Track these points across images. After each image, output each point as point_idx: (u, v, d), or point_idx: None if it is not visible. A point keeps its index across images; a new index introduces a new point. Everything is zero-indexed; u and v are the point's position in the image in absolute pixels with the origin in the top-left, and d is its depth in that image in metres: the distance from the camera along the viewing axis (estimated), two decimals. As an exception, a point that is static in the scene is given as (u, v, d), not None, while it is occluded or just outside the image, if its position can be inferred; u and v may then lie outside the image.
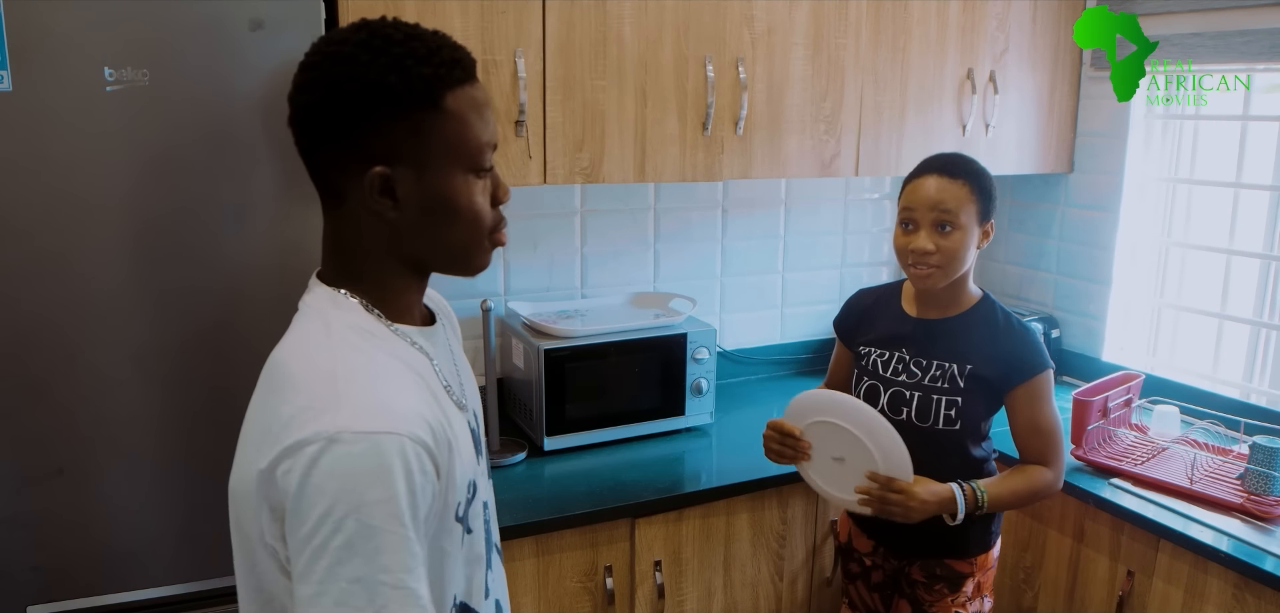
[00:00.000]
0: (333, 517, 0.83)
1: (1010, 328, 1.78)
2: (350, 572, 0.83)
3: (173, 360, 1.57)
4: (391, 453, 0.85)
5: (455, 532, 0.98)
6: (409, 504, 0.86)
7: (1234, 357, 2.49)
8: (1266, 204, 2.38)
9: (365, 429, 0.85)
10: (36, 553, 1.54)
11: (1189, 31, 2.36)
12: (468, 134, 0.95)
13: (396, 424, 0.87)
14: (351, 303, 0.97)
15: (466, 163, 0.96)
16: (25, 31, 1.39)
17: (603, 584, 1.95)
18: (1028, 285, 2.91)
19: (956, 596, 1.87)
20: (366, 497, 0.83)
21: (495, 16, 1.89)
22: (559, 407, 2.14)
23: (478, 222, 0.99)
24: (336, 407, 0.86)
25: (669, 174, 2.12)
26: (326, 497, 0.83)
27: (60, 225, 1.47)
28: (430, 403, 0.94)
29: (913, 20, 2.33)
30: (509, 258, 2.41)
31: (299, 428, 0.85)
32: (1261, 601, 1.75)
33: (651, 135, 2.09)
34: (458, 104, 0.94)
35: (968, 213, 1.72)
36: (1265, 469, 1.91)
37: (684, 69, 2.08)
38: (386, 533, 0.84)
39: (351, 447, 0.84)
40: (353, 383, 0.89)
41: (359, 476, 0.83)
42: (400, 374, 0.94)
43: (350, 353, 0.93)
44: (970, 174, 1.75)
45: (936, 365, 1.79)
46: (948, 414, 1.77)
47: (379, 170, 0.93)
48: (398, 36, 0.93)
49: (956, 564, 1.85)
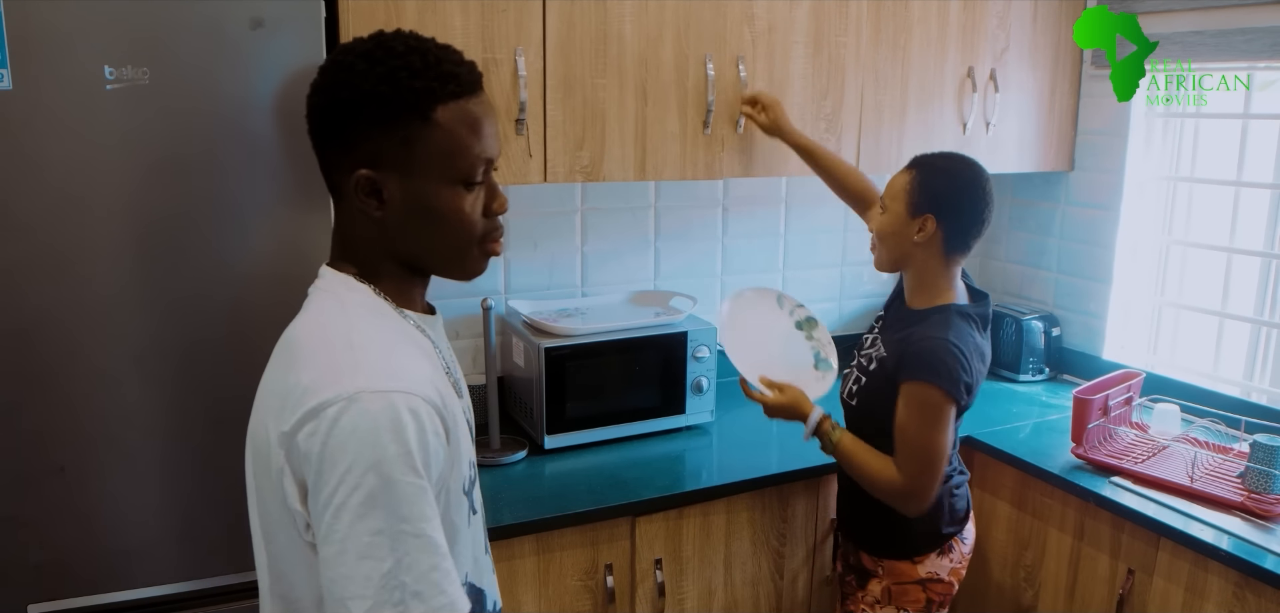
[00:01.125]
0: (353, 474, 0.88)
1: (928, 336, 1.70)
2: (371, 525, 0.87)
3: (173, 358, 1.58)
4: (404, 409, 0.90)
5: (464, 506, 1.04)
6: (422, 459, 0.91)
7: (1234, 355, 2.49)
8: (1267, 202, 2.38)
9: (381, 388, 0.90)
10: (38, 551, 1.54)
11: (1189, 30, 2.36)
12: (456, 148, 1.00)
13: (409, 385, 0.93)
14: (361, 286, 1.04)
15: (454, 175, 1.01)
16: (25, 30, 1.39)
17: (603, 583, 1.95)
18: (1028, 284, 2.91)
19: (863, 593, 1.88)
20: (385, 452, 0.88)
21: (496, 15, 1.89)
22: (559, 405, 2.14)
23: (464, 229, 1.03)
24: (355, 371, 0.92)
25: (669, 172, 2.12)
26: (347, 454, 0.88)
27: (61, 224, 1.47)
28: (438, 376, 1.00)
29: (913, 19, 2.33)
30: (509, 257, 2.41)
31: (320, 392, 0.91)
32: (1262, 599, 1.75)
33: (652, 134, 2.09)
34: (449, 118, 0.99)
35: (899, 201, 1.76)
36: (1266, 468, 1.91)
37: (684, 67, 2.08)
38: (404, 483, 0.89)
39: (369, 405, 0.89)
40: (368, 351, 0.95)
41: (378, 431, 0.88)
42: (410, 346, 1.01)
43: (364, 325, 0.99)
44: (922, 165, 1.76)
45: (879, 349, 1.82)
46: (852, 389, 1.85)
47: (363, 173, 0.99)
48: (400, 49, 0.98)
49: (866, 558, 1.87)
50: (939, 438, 1.68)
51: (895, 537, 1.83)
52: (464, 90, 1.00)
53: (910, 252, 1.76)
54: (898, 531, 1.81)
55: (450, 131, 0.99)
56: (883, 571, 1.85)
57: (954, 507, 1.84)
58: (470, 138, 1.00)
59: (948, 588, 1.85)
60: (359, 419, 0.89)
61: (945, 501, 1.81)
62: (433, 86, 0.98)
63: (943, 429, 1.69)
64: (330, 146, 1.02)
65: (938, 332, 1.70)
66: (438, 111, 0.98)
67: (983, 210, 1.74)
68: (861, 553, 1.89)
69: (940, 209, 1.72)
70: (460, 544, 1.04)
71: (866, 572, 1.88)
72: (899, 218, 1.76)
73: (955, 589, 1.87)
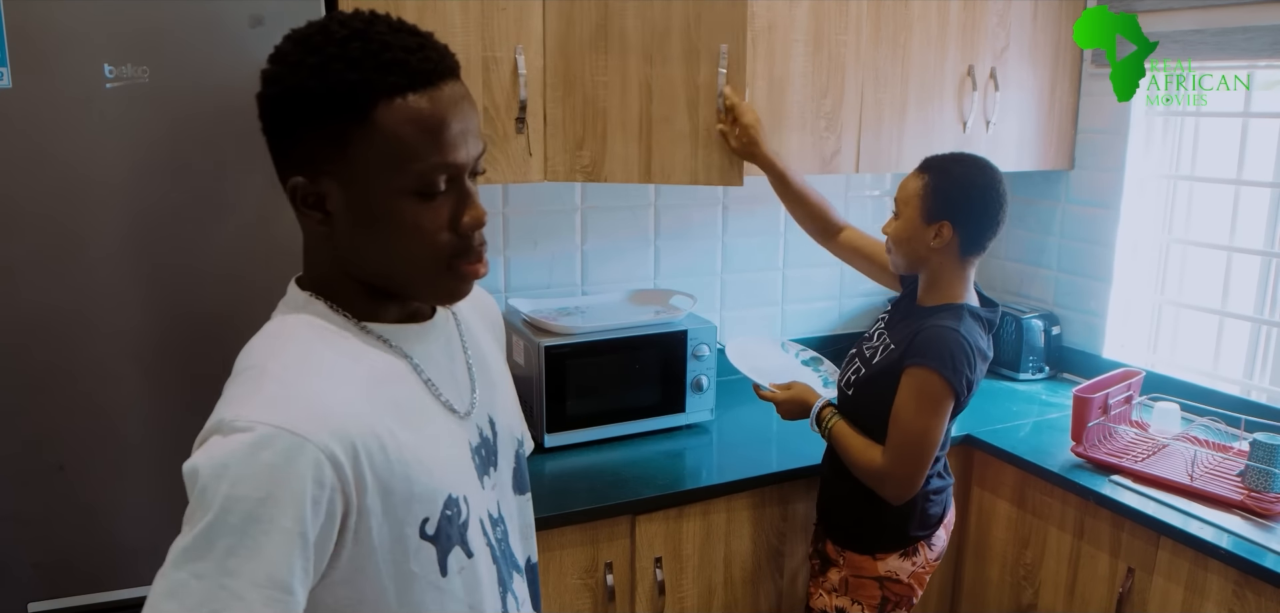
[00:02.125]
0: (203, 502, 0.76)
1: (936, 325, 1.72)
2: (194, 566, 0.75)
3: (173, 356, 1.57)
4: (279, 452, 0.77)
5: (425, 553, 0.88)
6: (293, 514, 0.77)
7: (1234, 353, 2.49)
8: (1267, 201, 2.38)
9: (259, 419, 0.78)
10: (38, 549, 1.54)
11: (1190, 28, 2.36)
12: (403, 153, 0.83)
13: (300, 424, 0.78)
14: (316, 303, 0.91)
15: (402, 184, 0.84)
16: (25, 28, 1.39)
17: (603, 581, 1.95)
18: (1028, 282, 2.91)
19: (823, 578, 1.91)
20: (238, 490, 0.76)
21: (495, 12, 1.89)
22: (559, 404, 2.14)
23: (421, 246, 0.87)
24: (247, 398, 0.81)
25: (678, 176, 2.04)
26: (201, 479, 0.77)
27: (60, 222, 1.47)
28: (379, 409, 0.85)
29: (913, 17, 2.32)
30: (509, 255, 2.41)
31: (213, 417, 0.81)
32: (1262, 597, 1.75)
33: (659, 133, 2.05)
34: (391, 118, 0.83)
35: (912, 205, 1.76)
36: (1266, 466, 1.91)
37: (695, 63, 2.06)
38: (249, 537, 0.76)
39: (240, 435, 0.77)
40: (277, 378, 0.83)
41: (235, 466, 0.76)
42: (346, 374, 0.86)
43: (291, 348, 0.87)
44: (934, 170, 1.76)
45: (885, 341, 1.83)
46: (850, 378, 1.85)
47: (298, 179, 0.86)
48: (339, 34, 0.84)
49: (829, 546, 1.90)
50: (932, 426, 1.69)
51: (861, 530, 1.85)
52: (413, 83, 0.83)
53: (927, 255, 1.77)
54: (863, 524, 1.84)
55: (393, 134, 0.83)
56: (843, 561, 1.87)
57: (926, 511, 1.83)
58: (421, 140, 0.83)
59: (907, 590, 1.85)
60: (222, 448, 0.77)
61: (918, 502, 1.81)
62: (370, 78, 0.82)
63: (938, 418, 1.69)
64: (271, 148, 0.89)
65: (948, 323, 1.71)
66: (377, 110, 0.82)
67: (998, 212, 1.75)
68: (827, 540, 1.92)
69: (956, 214, 1.72)
70: (425, 594, 0.89)
71: (828, 559, 1.91)
72: (913, 224, 1.76)
73: (916, 594, 1.87)
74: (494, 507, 1.01)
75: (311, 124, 0.84)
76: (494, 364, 1.09)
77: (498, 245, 2.38)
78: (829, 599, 1.88)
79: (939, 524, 1.87)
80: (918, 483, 1.74)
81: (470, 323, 1.08)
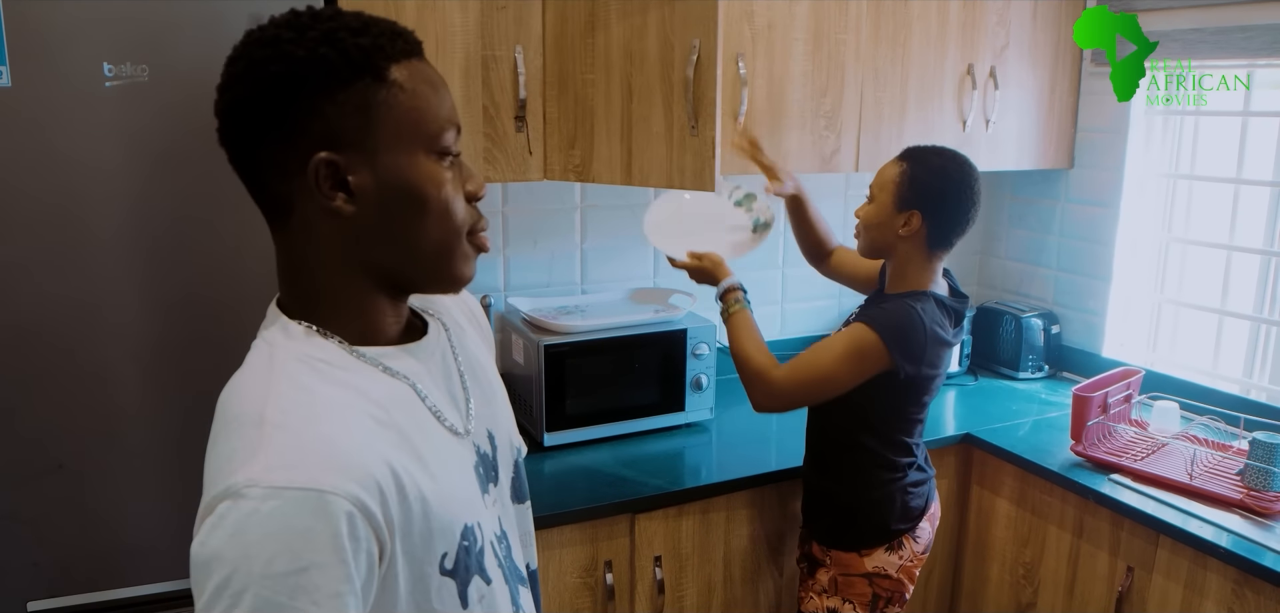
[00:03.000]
0: (230, 589, 0.69)
1: (892, 300, 1.77)
2: None
3: (172, 356, 1.57)
4: (309, 514, 0.71)
5: (448, 588, 0.84)
6: (339, 573, 0.72)
7: (1234, 352, 2.49)
8: (1267, 200, 2.38)
9: (279, 484, 0.71)
10: (36, 548, 1.54)
11: (1189, 27, 2.36)
12: (423, 107, 0.83)
13: (321, 478, 0.72)
14: (301, 330, 0.85)
15: (426, 142, 0.83)
16: (25, 27, 1.39)
17: (603, 580, 1.95)
18: (1028, 281, 2.91)
19: (811, 581, 1.91)
20: (274, 567, 0.69)
21: (495, 12, 1.88)
22: (559, 403, 2.14)
23: (450, 215, 0.85)
24: (253, 455, 0.73)
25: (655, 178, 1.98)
26: (225, 565, 0.70)
27: (59, 221, 1.47)
28: (391, 443, 0.81)
29: (913, 16, 2.32)
30: (509, 253, 2.41)
31: (214, 483, 0.74)
32: (1261, 596, 1.75)
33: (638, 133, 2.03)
34: (407, 75, 0.83)
35: (887, 191, 1.77)
36: (1265, 465, 1.91)
37: (670, 60, 2.06)
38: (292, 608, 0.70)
39: (260, 505, 0.70)
40: (281, 427, 0.76)
41: (265, 541, 0.70)
42: (350, 410, 0.80)
43: (285, 388, 0.79)
44: (912, 159, 1.77)
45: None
46: None
47: (323, 156, 0.80)
48: (326, 14, 0.82)
49: (815, 547, 1.90)
50: (841, 373, 1.71)
51: (845, 528, 1.86)
52: (412, 50, 0.85)
53: (893, 242, 1.79)
54: (846, 522, 1.85)
55: (411, 91, 0.82)
56: (830, 560, 1.87)
57: (907, 503, 1.84)
58: (431, 97, 0.84)
59: (897, 585, 1.85)
60: (243, 522, 0.70)
61: (898, 496, 1.82)
62: (381, 43, 0.82)
63: (851, 370, 1.70)
64: (267, 145, 0.81)
65: (908, 301, 1.74)
66: (392, 70, 0.82)
67: (969, 210, 1.76)
68: (814, 542, 1.93)
69: (927, 206, 1.74)
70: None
71: (816, 561, 1.91)
72: (885, 209, 1.77)
73: (907, 589, 1.88)
74: (496, 524, 0.98)
75: (327, 93, 0.80)
76: (487, 371, 1.05)
77: (498, 244, 2.38)
78: (820, 601, 1.88)
79: (922, 517, 1.87)
80: (786, 406, 1.77)
81: (460, 328, 1.04)
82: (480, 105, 1.91)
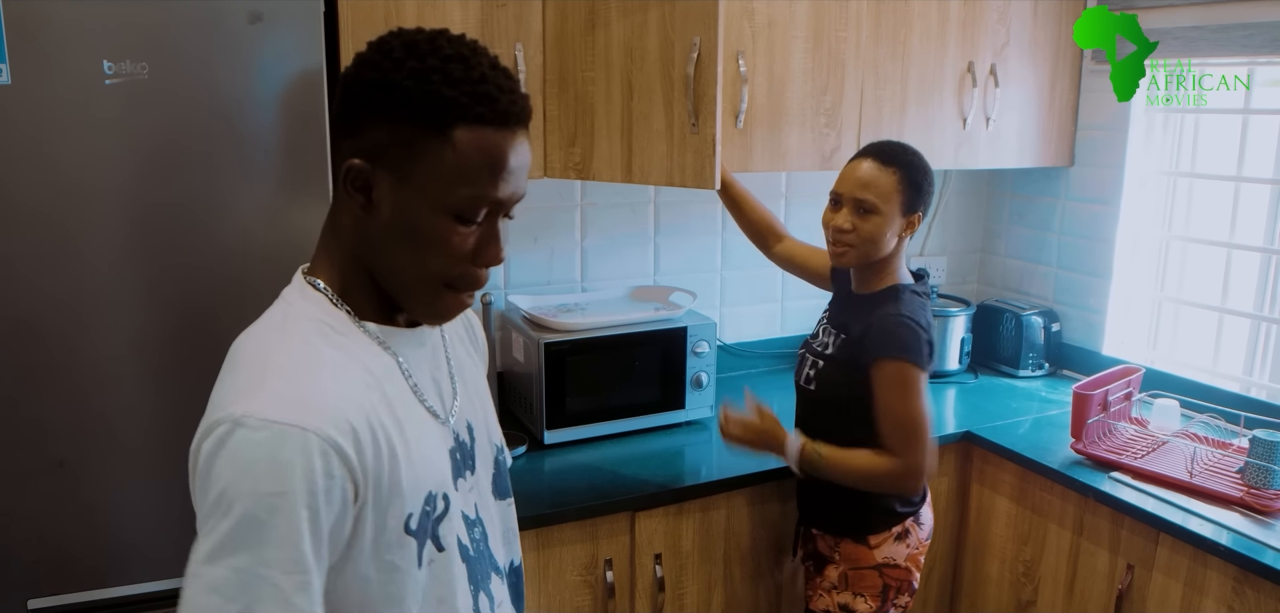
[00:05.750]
0: (225, 500, 0.81)
1: (885, 314, 1.76)
2: (229, 561, 0.81)
3: (172, 353, 1.57)
4: (293, 447, 0.82)
5: (408, 546, 0.93)
6: (307, 504, 0.83)
7: (1234, 350, 2.49)
8: (1267, 198, 2.38)
9: (271, 417, 0.82)
10: (38, 546, 1.54)
11: (1190, 25, 2.35)
12: (464, 176, 0.88)
13: (307, 418, 0.83)
14: (317, 296, 0.95)
15: (451, 204, 0.89)
16: (24, 25, 1.39)
17: (603, 578, 1.95)
18: (1028, 279, 2.91)
19: (821, 578, 1.90)
20: (260, 487, 0.81)
21: (495, 9, 1.88)
22: (559, 400, 2.14)
23: (437, 260, 0.92)
24: (252, 392, 0.85)
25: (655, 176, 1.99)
26: (222, 479, 0.82)
27: (59, 219, 1.47)
28: (374, 403, 0.90)
29: (913, 13, 2.32)
30: (509, 252, 2.38)
31: (217, 409, 0.85)
32: (1261, 594, 1.75)
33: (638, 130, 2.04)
34: (468, 142, 0.88)
35: (891, 202, 1.76)
36: (1265, 463, 1.91)
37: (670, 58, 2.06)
38: (273, 529, 0.81)
39: (254, 433, 0.82)
40: (282, 372, 0.87)
41: (256, 464, 0.82)
42: (343, 370, 0.90)
43: (293, 343, 0.91)
44: (903, 164, 1.78)
45: (833, 334, 1.87)
46: (809, 374, 1.88)
47: (356, 163, 0.90)
48: (447, 51, 0.89)
49: (821, 544, 1.90)
50: (921, 408, 1.73)
51: (851, 516, 1.85)
52: (496, 119, 0.89)
53: (887, 248, 1.80)
54: (851, 509, 1.84)
55: (463, 156, 0.88)
56: (839, 555, 1.87)
57: None
58: (483, 171, 0.89)
59: (905, 574, 1.86)
60: (240, 446, 0.82)
61: None
62: (462, 100, 0.87)
63: (921, 399, 1.73)
64: (338, 126, 0.93)
65: (894, 309, 1.76)
66: (457, 130, 0.87)
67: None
68: (817, 539, 1.92)
69: (924, 204, 1.80)
70: (405, 584, 0.93)
71: (824, 558, 1.91)
72: (892, 220, 1.77)
73: (915, 577, 1.88)
74: (470, 509, 1.05)
75: (391, 117, 0.88)
76: (474, 378, 1.13)
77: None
78: (830, 598, 1.88)
79: (924, 502, 1.90)
80: (928, 464, 1.75)
81: (456, 336, 1.14)
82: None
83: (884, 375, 1.72)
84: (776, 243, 2.18)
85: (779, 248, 2.18)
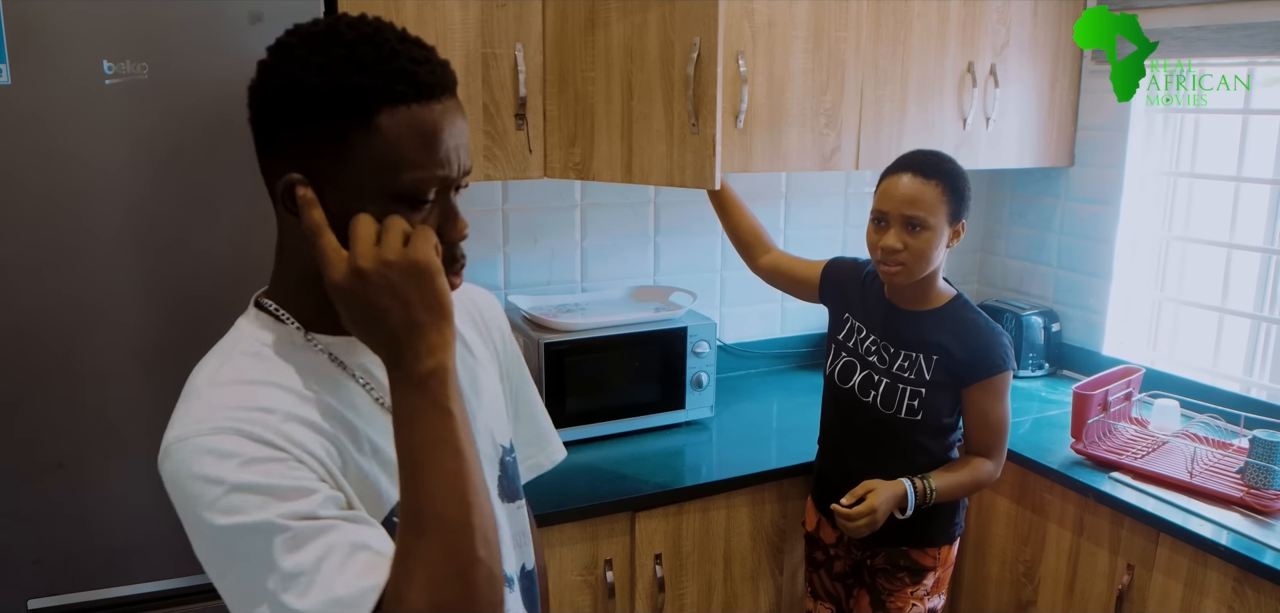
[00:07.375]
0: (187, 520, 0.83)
1: (979, 326, 1.80)
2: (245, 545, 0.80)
3: (171, 354, 1.57)
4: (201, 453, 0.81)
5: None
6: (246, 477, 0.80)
7: (1234, 351, 2.49)
8: (1267, 198, 2.38)
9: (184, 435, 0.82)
10: (37, 547, 1.54)
11: (1190, 25, 2.35)
12: (400, 160, 0.83)
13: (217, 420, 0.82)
14: (265, 318, 0.92)
15: (395, 191, 0.84)
16: (24, 25, 1.39)
17: (603, 577, 1.95)
18: (1028, 279, 2.91)
19: (917, 587, 1.90)
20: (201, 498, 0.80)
21: (495, 10, 1.88)
22: (559, 400, 2.14)
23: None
24: (181, 419, 0.84)
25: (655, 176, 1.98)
26: (176, 504, 0.83)
27: (59, 219, 1.47)
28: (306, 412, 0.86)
29: (913, 14, 2.32)
30: (509, 252, 2.41)
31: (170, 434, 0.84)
32: (1261, 594, 1.75)
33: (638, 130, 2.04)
34: (395, 125, 0.82)
35: (938, 214, 1.73)
36: (1265, 463, 1.91)
37: (670, 57, 2.06)
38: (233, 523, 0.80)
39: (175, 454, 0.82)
40: (213, 392, 0.85)
41: (186, 481, 0.81)
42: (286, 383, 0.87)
43: (230, 366, 0.88)
44: (944, 175, 1.75)
45: (903, 356, 1.82)
46: (911, 405, 1.81)
47: (291, 177, 0.84)
48: (349, 36, 0.83)
49: (919, 556, 1.89)
50: (1009, 408, 1.84)
51: (944, 525, 1.89)
52: (419, 94, 0.83)
53: (935, 259, 1.78)
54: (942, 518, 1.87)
55: (393, 140, 0.82)
56: (937, 560, 1.90)
57: None
58: (418, 150, 0.83)
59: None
60: (173, 470, 0.82)
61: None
62: (378, 83, 0.82)
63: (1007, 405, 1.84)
64: (260, 145, 0.88)
65: (977, 319, 1.82)
66: (381, 116, 0.82)
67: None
68: (910, 551, 1.88)
69: (967, 211, 1.80)
70: None
71: (922, 567, 1.89)
72: (940, 231, 1.74)
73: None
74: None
75: (312, 121, 0.83)
76: (477, 370, 1.06)
77: (497, 242, 2.38)
78: (922, 603, 1.91)
79: None
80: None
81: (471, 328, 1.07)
82: (480, 103, 1.90)
83: (994, 387, 1.79)
84: (763, 255, 2.12)
85: (764, 260, 2.12)
